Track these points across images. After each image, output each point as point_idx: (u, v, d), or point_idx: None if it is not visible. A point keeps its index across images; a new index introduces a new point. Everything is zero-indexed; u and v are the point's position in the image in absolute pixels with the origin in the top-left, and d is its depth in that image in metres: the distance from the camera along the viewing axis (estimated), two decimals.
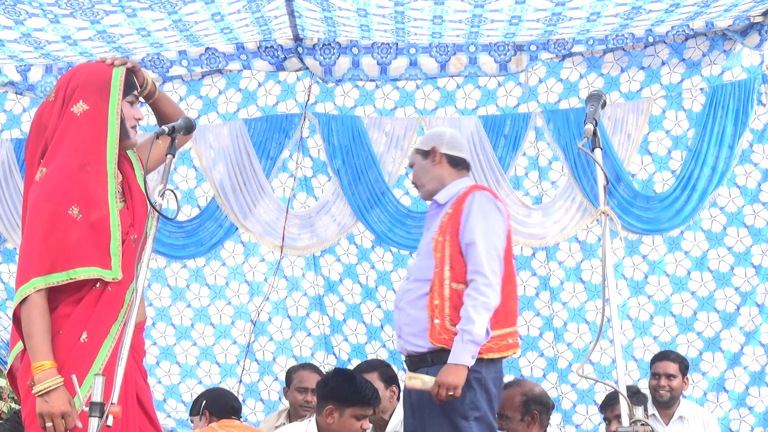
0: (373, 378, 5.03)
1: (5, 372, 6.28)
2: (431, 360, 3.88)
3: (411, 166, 4.28)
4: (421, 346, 3.91)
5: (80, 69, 3.34)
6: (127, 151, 3.36)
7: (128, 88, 3.26)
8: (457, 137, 4.25)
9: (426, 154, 4.19)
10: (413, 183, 4.29)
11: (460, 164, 4.19)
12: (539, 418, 4.58)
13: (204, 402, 5.04)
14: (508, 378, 6.08)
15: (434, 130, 4.35)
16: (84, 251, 3.08)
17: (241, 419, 5.19)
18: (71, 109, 3.20)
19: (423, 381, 3.81)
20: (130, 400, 3.12)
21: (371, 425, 5.11)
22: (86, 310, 3.09)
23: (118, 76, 3.23)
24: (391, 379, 5.09)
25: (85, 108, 3.19)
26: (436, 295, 3.89)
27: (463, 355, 3.76)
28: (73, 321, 3.08)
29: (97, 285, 3.11)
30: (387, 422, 5.06)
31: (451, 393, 3.76)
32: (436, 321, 3.86)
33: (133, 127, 3.27)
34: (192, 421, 5.20)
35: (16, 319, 3.12)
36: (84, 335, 3.06)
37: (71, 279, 3.07)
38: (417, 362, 3.94)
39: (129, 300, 3.15)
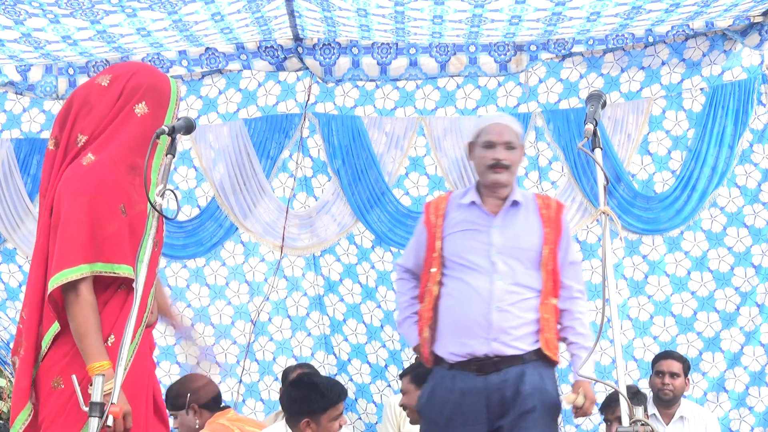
0: (404, 382, 5.03)
1: (6, 372, 6.29)
2: (527, 358, 3.81)
3: (512, 147, 3.88)
4: (524, 349, 3.81)
5: (143, 68, 3.36)
6: None
7: (178, 106, 3.33)
8: None
9: (521, 149, 3.99)
10: (506, 166, 3.85)
11: None
12: None
13: (189, 395, 4.83)
14: None
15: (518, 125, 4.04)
16: (123, 248, 3.09)
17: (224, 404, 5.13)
18: (134, 108, 3.21)
19: (582, 398, 3.82)
20: (149, 398, 3.15)
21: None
22: (112, 313, 3.09)
23: (176, 89, 3.29)
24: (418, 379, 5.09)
25: (146, 111, 3.22)
26: (547, 309, 3.84)
27: (590, 366, 3.94)
28: (102, 325, 3.07)
29: (121, 288, 3.11)
30: None
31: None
32: (548, 335, 3.82)
33: None
34: (175, 416, 4.93)
35: (53, 300, 3.08)
36: (111, 338, 3.05)
37: (114, 273, 3.06)
38: (506, 362, 3.80)
39: (150, 303, 3.17)
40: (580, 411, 3.80)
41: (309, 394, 4.31)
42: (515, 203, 3.90)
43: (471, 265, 3.84)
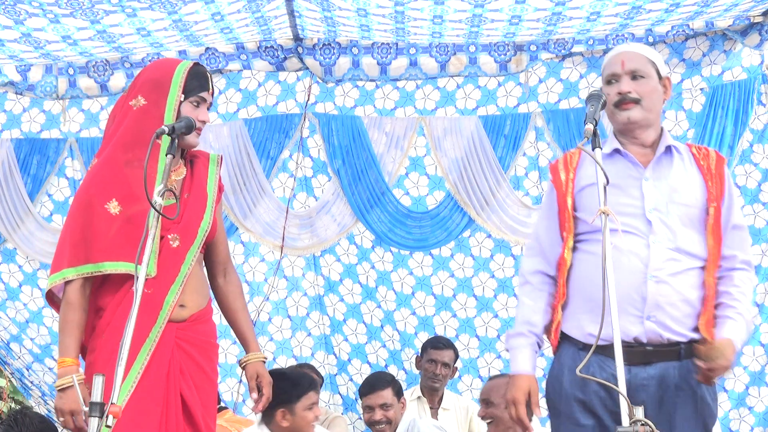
0: (388, 393, 5.04)
1: (5, 372, 6.28)
2: (683, 353, 3.06)
3: (635, 76, 3.19)
4: (682, 334, 3.06)
5: (151, 65, 3.40)
6: (211, 156, 3.37)
7: (194, 88, 3.24)
8: None
9: (660, 78, 3.25)
10: (634, 99, 3.17)
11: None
12: None
13: None
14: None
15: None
16: (116, 246, 3.09)
17: (222, 404, 5.13)
18: (130, 103, 3.23)
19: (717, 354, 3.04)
20: (172, 399, 3.11)
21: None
22: (125, 313, 3.05)
23: (180, 73, 3.23)
24: (400, 392, 5.15)
25: (143, 103, 3.21)
26: (711, 281, 3.11)
27: (742, 338, 3.06)
28: (114, 326, 3.10)
29: (134, 288, 3.11)
30: None
31: (715, 380, 3.05)
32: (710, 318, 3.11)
33: (197, 129, 3.21)
34: None
35: (51, 302, 3.21)
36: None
37: (100, 272, 3.09)
38: (659, 354, 3.06)
39: (171, 300, 3.14)
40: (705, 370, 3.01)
41: (281, 385, 4.32)
42: (668, 150, 3.24)
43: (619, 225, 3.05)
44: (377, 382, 5.16)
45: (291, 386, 4.29)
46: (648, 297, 3.05)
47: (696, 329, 3.07)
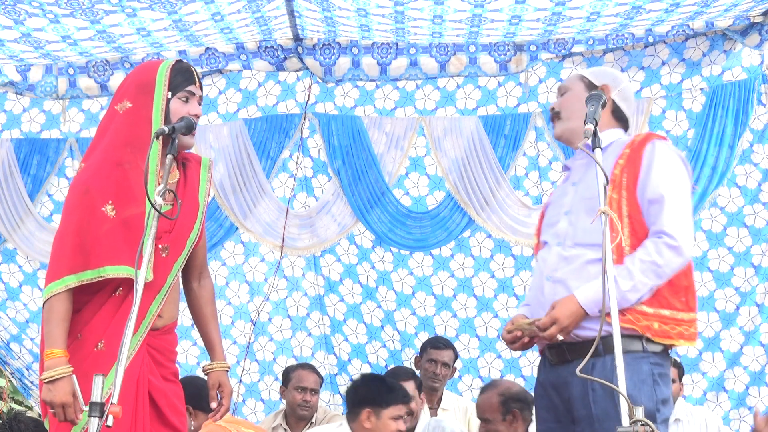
0: (410, 387, 5.04)
1: (5, 372, 6.28)
2: (602, 348, 3.00)
3: (562, 93, 3.46)
4: (589, 328, 3.07)
5: (133, 70, 3.37)
6: (203, 160, 3.33)
7: (180, 83, 3.20)
8: (631, 92, 3.49)
9: (592, 88, 3.37)
10: (553, 112, 3.44)
11: (621, 120, 3.41)
12: (520, 415, 4.57)
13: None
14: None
15: (611, 70, 3.61)
16: (115, 249, 3.05)
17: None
18: (115, 107, 3.20)
19: (522, 327, 3.17)
20: (140, 400, 3.09)
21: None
22: (105, 317, 3.07)
23: (163, 71, 3.18)
24: (420, 387, 5.20)
25: (128, 106, 3.17)
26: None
27: (590, 297, 3.05)
28: (91, 328, 3.06)
29: (118, 292, 3.08)
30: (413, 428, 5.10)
31: (561, 338, 3.07)
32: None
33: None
34: None
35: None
36: (101, 343, 3.04)
37: (101, 277, 3.03)
38: (576, 350, 3.09)
39: (154, 310, 3.11)
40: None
41: (376, 386, 4.29)
42: (589, 148, 3.11)
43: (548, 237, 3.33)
44: (400, 373, 5.17)
45: (386, 390, 4.27)
46: (546, 297, 3.19)
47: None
